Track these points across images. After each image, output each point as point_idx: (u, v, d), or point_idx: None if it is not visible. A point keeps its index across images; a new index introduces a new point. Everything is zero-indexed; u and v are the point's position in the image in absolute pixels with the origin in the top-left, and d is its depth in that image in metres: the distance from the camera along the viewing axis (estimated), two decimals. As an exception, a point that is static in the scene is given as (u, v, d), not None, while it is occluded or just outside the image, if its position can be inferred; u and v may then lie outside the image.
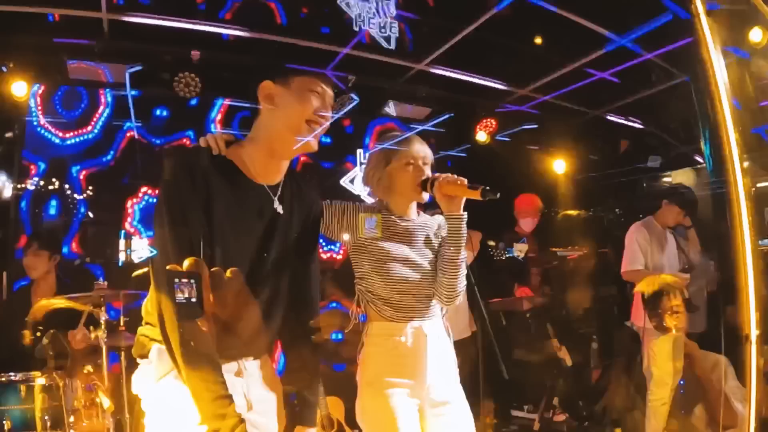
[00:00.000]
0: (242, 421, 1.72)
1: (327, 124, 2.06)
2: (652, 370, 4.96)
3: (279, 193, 2.06)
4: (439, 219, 2.82)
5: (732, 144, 2.08)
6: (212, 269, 1.71)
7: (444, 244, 2.67)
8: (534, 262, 6.20)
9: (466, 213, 2.59)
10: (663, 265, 5.13)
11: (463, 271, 2.66)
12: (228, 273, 1.76)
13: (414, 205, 2.80)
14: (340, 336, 4.84)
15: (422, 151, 2.73)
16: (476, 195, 2.41)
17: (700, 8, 2.13)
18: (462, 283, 2.66)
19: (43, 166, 5.45)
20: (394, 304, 2.61)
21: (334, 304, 6.22)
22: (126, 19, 4.92)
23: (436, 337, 2.67)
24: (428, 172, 2.70)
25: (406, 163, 2.68)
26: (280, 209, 2.04)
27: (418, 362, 2.59)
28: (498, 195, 2.35)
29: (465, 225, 2.58)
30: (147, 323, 1.98)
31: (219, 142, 1.99)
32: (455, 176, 2.55)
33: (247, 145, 2.04)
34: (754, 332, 2.02)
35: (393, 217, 2.73)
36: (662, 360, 4.89)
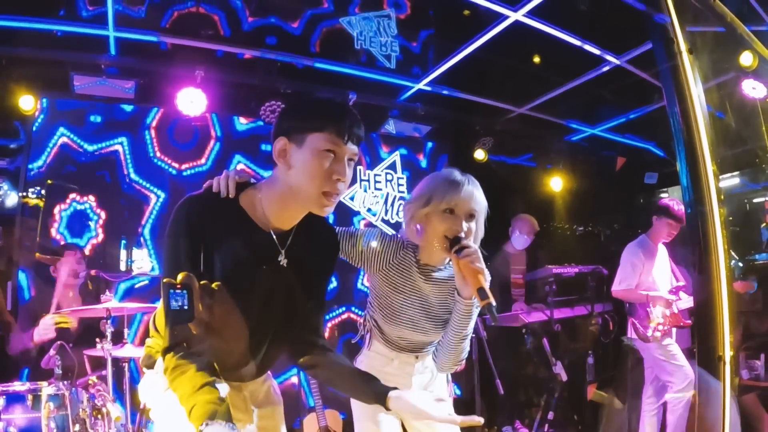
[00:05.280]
0: (223, 400, 1.70)
1: (346, 188, 1.91)
2: (665, 366, 5.07)
3: (289, 240, 1.97)
4: None
5: (709, 173, 2.15)
6: (201, 282, 1.75)
7: (451, 319, 2.41)
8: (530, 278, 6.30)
9: (475, 300, 2.25)
10: (654, 282, 5.23)
11: (467, 345, 2.46)
12: (213, 285, 1.80)
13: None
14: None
15: (470, 200, 2.33)
16: (478, 299, 2.10)
17: (683, 46, 2.21)
18: (464, 354, 2.47)
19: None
20: (390, 341, 2.65)
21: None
22: (131, 36, 5.05)
23: (424, 367, 2.70)
24: (468, 226, 2.32)
25: (444, 209, 2.32)
26: (284, 262, 1.95)
27: (402, 381, 2.63)
28: (495, 322, 2.18)
29: (475, 311, 2.33)
30: (153, 335, 2.06)
31: (230, 185, 1.92)
32: (480, 263, 2.18)
33: (264, 189, 1.93)
34: (727, 353, 2.08)
35: (416, 265, 2.48)
36: (671, 351, 5.03)
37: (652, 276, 5.25)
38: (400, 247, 2.49)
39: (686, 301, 5.04)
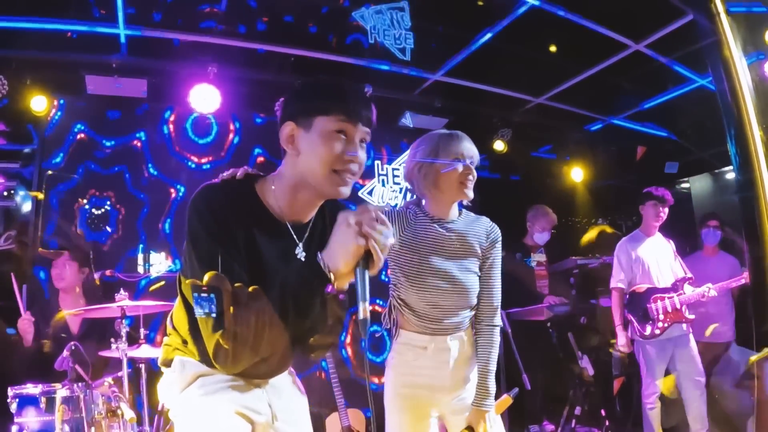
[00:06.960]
0: None
1: (361, 170, 1.83)
2: (641, 367, 5.06)
3: (307, 233, 1.90)
4: (486, 223, 2.73)
5: (756, 139, 2.02)
6: (236, 284, 1.66)
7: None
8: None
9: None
10: (652, 276, 5.04)
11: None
12: (250, 290, 1.69)
13: (455, 206, 2.71)
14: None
15: (471, 150, 2.66)
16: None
17: (720, 7, 2.10)
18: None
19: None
20: (421, 315, 2.59)
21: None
22: (143, 34, 4.98)
23: (460, 348, 2.64)
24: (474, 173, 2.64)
25: (454, 159, 2.60)
26: (302, 256, 1.87)
27: (438, 373, 2.60)
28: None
29: None
30: (170, 333, 1.96)
31: (239, 172, 1.88)
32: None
33: (276, 180, 1.86)
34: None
35: (431, 220, 2.64)
36: (647, 359, 4.97)
37: (648, 269, 5.05)
38: (410, 212, 2.68)
39: (689, 296, 4.83)
